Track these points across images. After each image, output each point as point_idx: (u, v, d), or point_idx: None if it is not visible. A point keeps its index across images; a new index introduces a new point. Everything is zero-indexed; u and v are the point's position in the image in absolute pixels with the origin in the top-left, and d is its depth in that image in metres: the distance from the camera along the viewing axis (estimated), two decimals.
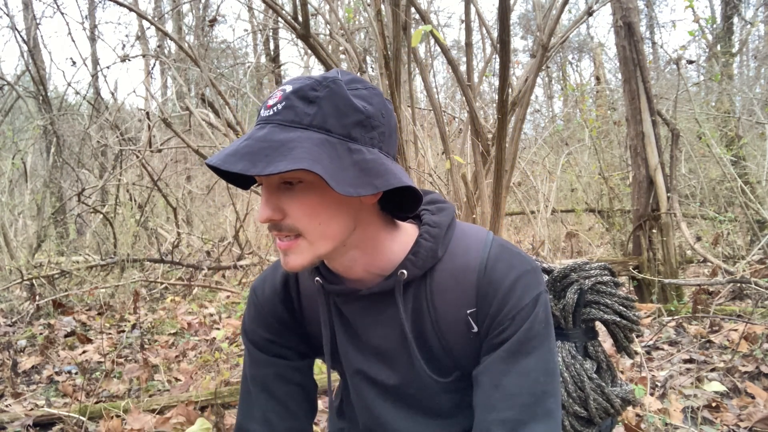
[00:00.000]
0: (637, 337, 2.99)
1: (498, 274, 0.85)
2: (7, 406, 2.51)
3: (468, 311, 0.87)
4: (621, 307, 1.07)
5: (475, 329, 0.87)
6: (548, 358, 0.85)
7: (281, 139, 0.75)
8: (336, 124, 0.78)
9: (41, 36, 10.62)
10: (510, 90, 2.59)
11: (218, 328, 3.70)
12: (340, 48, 3.81)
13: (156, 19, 7.40)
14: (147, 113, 5.41)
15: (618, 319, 1.07)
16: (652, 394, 2.25)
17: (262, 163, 0.72)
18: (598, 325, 1.12)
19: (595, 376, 1.04)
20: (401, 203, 0.89)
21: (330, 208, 0.80)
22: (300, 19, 2.45)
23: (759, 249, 4.01)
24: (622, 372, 2.53)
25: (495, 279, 0.85)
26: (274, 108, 0.78)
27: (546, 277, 1.11)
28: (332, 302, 0.95)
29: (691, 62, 6.45)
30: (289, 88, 0.79)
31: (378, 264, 0.88)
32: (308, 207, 0.79)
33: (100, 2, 9.77)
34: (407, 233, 0.91)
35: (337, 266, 0.88)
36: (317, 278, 0.91)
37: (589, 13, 3.67)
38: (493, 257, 0.87)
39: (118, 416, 2.22)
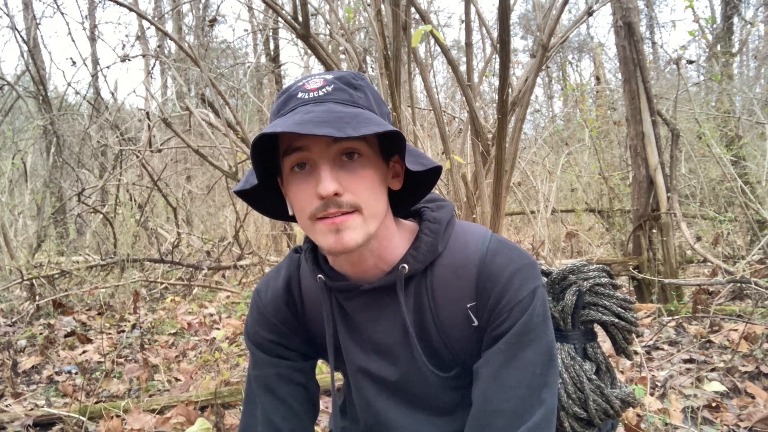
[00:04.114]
0: (637, 337, 2.99)
1: (496, 267, 0.87)
2: (7, 406, 2.51)
3: (468, 305, 0.88)
4: (619, 309, 1.07)
5: (476, 323, 0.88)
6: (546, 351, 0.86)
7: (352, 112, 0.77)
8: (378, 110, 0.84)
9: (41, 36, 10.62)
10: (510, 90, 2.59)
11: (218, 328, 3.70)
12: (340, 48, 3.81)
13: (156, 19, 7.39)
14: (147, 113, 5.40)
15: (616, 320, 1.07)
16: (652, 394, 2.25)
17: (349, 127, 0.74)
18: (598, 328, 1.12)
19: (594, 377, 1.04)
20: (400, 201, 0.94)
21: (380, 186, 0.84)
22: (300, 19, 2.45)
23: (759, 249, 4.00)
24: (621, 372, 2.53)
25: (494, 272, 0.87)
26: (322, 90, 0.81)
27: (545, 279, 1.12)
28: (334, 300, 0.95)
29: (691, 62, 6.45)
30: (329, 76, 0.83)
31: (385, 257, 0.89)
32: (368, 181, 0.81)
33: (100, 2, 9.76)
34: (409, 229, 0.93)
35: (352, 258, 0.88)
36: (320, 275, 0.92)
37: (589, 13, 3.67)
38: (491, 251, 0.88)
39: (118, 416, 2.22)
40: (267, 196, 0.93)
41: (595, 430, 1.05)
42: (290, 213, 0.88)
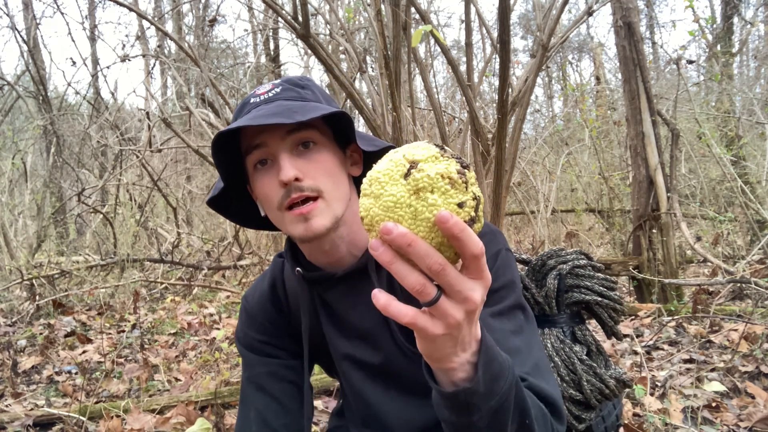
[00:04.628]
0: (637, 338, 2.99)
1: None
2: (7, 406, 2.51)
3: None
4: (602, 288, 1.08)
5: None
6: (515, 306, 0.86)
7: (300, 104, 0.84)
8: (326, 104, 0.90)
9: (41, 36, 10.62)
10: (510, 90, 2.58)
11: (218, 328, 3.70)
12: (340, 48, 3.81)
13: (156, 19, 7.39)
14: (147, 113, 5.40)
15: (599, 299, 1.08)
16: (652, 394, 2.25)
17: (298, 115, 0.80)
18: (594, 326, 1.13)
19: (585, 358, 1.04)
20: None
21: (338, 170, 0.89)
22: (300, 19, 2.45)
23: (759, 249, 4.00)
24: None
25: None
26: (271, 92, 0.88)
27: (525, 268, 1.15)
28: (315, 294, 0.98)
29: (691, 62, 6.45)
30: (276, 81, 0.91)
31: (357, 242, 0.93)
32: (326, 166, 0.86)
33: (100, 2, 9.76)
34: None
35: (325, 247, 0.91)
36: (298, 268, 0.95)
37: (589, 13, 3.67)
38: None
39: (118, 416, 2.22)
40: (242, 208, 0.99)
41: (594, 412, 1.05)
42: (262, 214, 0.93)
